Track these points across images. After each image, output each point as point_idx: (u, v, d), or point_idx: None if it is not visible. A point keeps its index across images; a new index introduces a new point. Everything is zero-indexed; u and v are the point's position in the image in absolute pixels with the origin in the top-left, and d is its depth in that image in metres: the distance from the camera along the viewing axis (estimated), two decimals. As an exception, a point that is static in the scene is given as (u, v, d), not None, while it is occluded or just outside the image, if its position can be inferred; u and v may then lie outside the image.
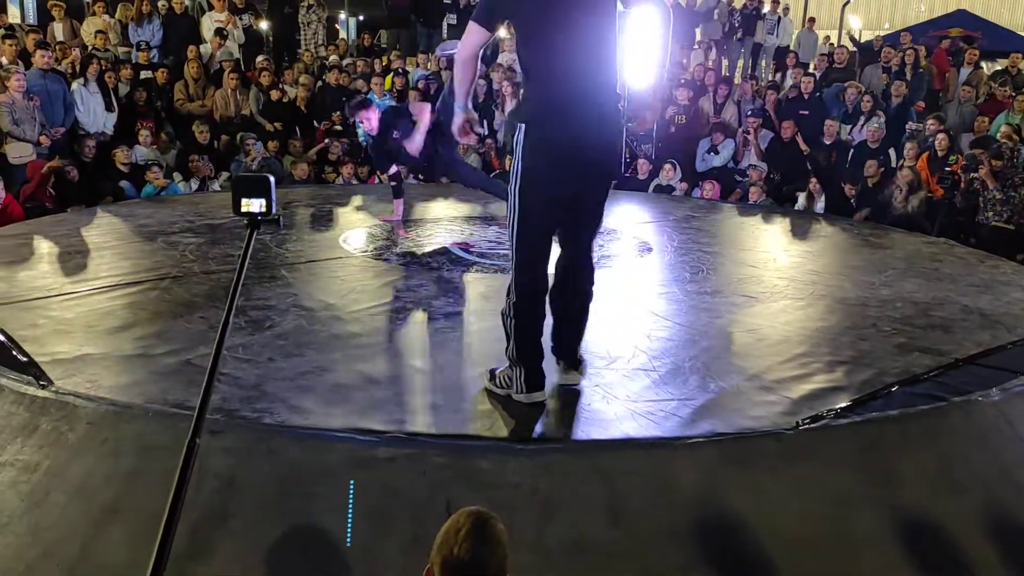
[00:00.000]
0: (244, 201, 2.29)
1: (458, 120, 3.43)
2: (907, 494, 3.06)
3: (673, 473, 3.03)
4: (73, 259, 5.36)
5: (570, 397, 3.43)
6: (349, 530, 2.77)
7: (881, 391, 3.55)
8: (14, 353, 3.69)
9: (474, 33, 3.17)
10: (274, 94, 9.86)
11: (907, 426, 3.31)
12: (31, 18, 24.07)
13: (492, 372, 3.51)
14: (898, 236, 6.91)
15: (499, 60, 11.74)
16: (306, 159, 9.29)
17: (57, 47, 9.64)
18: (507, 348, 3.39)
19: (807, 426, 3.22)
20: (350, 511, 2.81)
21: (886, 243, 6.59)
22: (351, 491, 2.85)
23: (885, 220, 7.72)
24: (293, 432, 3.08)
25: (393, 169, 6.75)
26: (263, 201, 2.29)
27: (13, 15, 16.01)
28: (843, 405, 3.39)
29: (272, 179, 2.32)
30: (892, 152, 8.98)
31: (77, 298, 4.49)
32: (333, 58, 11.46)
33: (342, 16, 29.51)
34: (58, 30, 10.79)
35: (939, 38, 12.64)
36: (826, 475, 3.08)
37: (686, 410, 3.35)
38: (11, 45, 8.87)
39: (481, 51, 3.25)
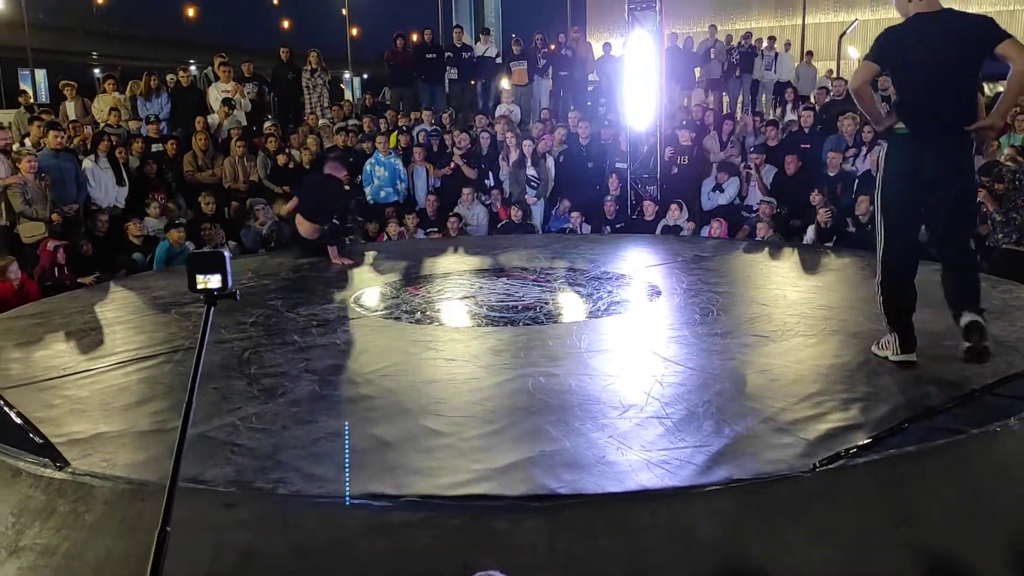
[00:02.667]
0: (200, 278, 2.26)
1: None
2: (929, 532, 3.01)
3: (692, 523, 3.00)
4: (88, 336, 5.42)
5: (584, 449, 3.41)
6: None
7: (898, 427, 3.51)
8: (31, 435, 3.71)
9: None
10: (280, 159, 10.03)
11: (926, 462, 3.27)
12: (43, 97, 24.65)
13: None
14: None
15: (500, 112, 11.90)
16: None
17: (70, 126, 9.88)
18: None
19: (824, 467, 3.18)
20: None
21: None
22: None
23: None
24: (308, 501, 3.08)
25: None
26: (219, 276, 2.26)
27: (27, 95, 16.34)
28: (860, 443, 3.35)
29: (228, 254, 2.28)
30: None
31: (92, 375, 4.54)
32: (339, 124, 11.66)
33: (346, 76, 30.01)
34: (70, 109, 11.06)
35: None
36: (846, 516, 3.04)
37: (702, 457, 3.32)
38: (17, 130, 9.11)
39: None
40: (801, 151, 9.55)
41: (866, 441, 3.37)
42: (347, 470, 3.16)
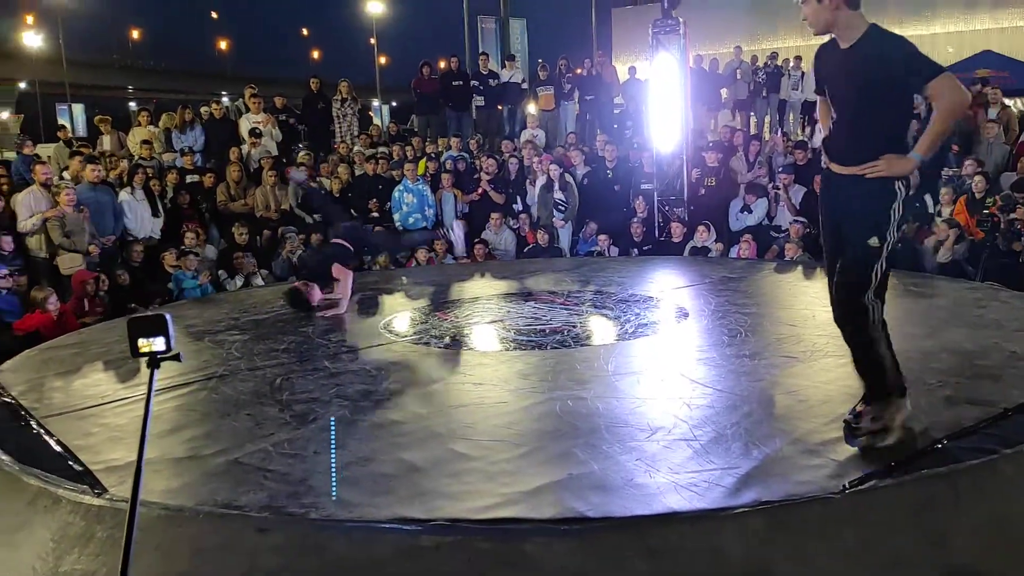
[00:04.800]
0: (142, 342, 2.25)
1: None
2: (961, 553, 2.98)
3: (721, 545, 3.00)
4: (125, 364, 5.52)
5: (612, 472, 3.42)
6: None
7: (929, 447, 3.48)
8: (70, 463, 3.80)
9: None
10: (311, 187, 10.18)
11: (958, 482, 3.23)
12: (80, 131, 25.22)
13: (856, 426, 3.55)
14: (941, 283, 6.82)
15: (525, 137, 12.00)
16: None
17: (106, 159, 10.12)
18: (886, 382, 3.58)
19: (855, 489, 3.17)
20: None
21: (928, 291, 6.50)
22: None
23: (926, 268, 7.63)
24: (340, 526, 3.12)
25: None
26: (162, 339, 2.25)
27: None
28: (890, 464, 3.33)
29: (169, 316, 2.27)
30: (928, 198, 8.91)
31: (129, 403, 4.63)
32: (369, 151, 11.82)
33: (375, 103, 30.41)
34: (106, 142, 11.33)
35: (968, 80, 12.62)
36: (877, 538, 3.02)
37: (730, 479, 3.31)
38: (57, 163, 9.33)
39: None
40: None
41: (897, 462, 3.35)
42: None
